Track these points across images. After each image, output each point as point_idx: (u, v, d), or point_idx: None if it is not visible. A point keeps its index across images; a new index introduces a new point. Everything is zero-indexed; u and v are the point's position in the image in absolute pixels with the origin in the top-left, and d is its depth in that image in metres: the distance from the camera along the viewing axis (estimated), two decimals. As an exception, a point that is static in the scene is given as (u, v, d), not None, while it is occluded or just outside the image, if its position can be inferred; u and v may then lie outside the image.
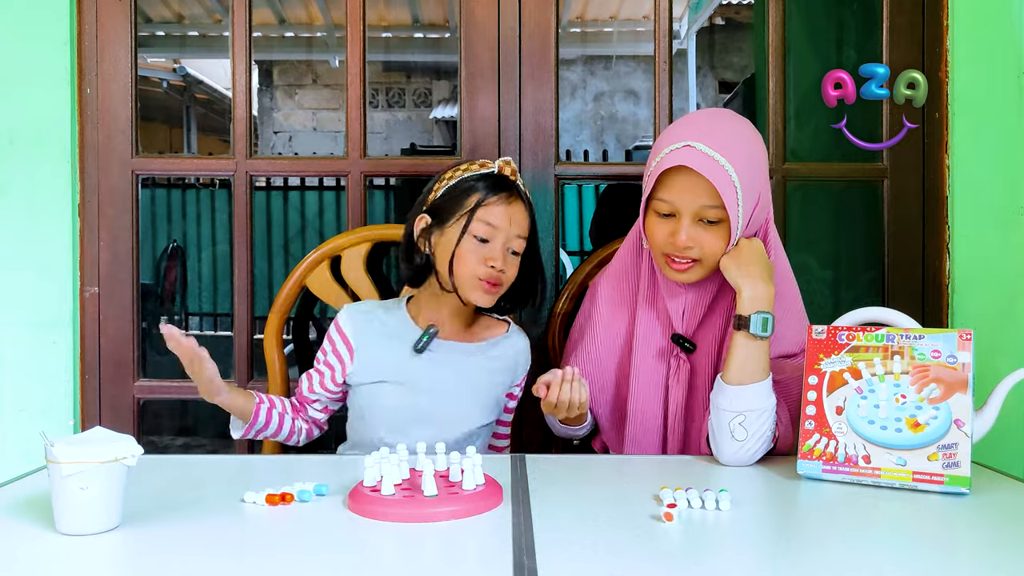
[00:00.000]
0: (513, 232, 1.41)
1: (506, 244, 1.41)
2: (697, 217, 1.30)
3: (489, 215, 1.40)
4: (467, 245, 1.40)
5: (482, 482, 1.08)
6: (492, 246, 1.40)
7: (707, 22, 7.00)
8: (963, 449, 1.12)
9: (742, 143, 1.30)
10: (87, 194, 1.78)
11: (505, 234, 1.41)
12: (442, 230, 1.43)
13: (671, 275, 1.35)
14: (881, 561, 0.90)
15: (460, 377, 1.45)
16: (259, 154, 1.84)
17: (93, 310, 1.79)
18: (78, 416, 1.78)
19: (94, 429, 1.04)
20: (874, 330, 1.21)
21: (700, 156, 1.26)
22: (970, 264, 1.73)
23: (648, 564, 0.89)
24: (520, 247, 1.43)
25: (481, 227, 1.40)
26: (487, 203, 1.40)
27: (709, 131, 1.29)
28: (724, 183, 1.26)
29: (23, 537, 0.97)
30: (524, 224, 1.43)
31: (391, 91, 8.61)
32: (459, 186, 1.43)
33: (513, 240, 1.42)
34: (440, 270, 1.43)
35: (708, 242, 1.31)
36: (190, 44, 6.85)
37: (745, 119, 1.37)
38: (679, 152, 1.28)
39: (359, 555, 0.94)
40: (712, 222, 1.30)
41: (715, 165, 1.26)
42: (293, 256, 5.94)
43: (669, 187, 1.30)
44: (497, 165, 1.45)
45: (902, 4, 1.80)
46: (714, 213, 1.29)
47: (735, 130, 1.32)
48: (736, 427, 1.25)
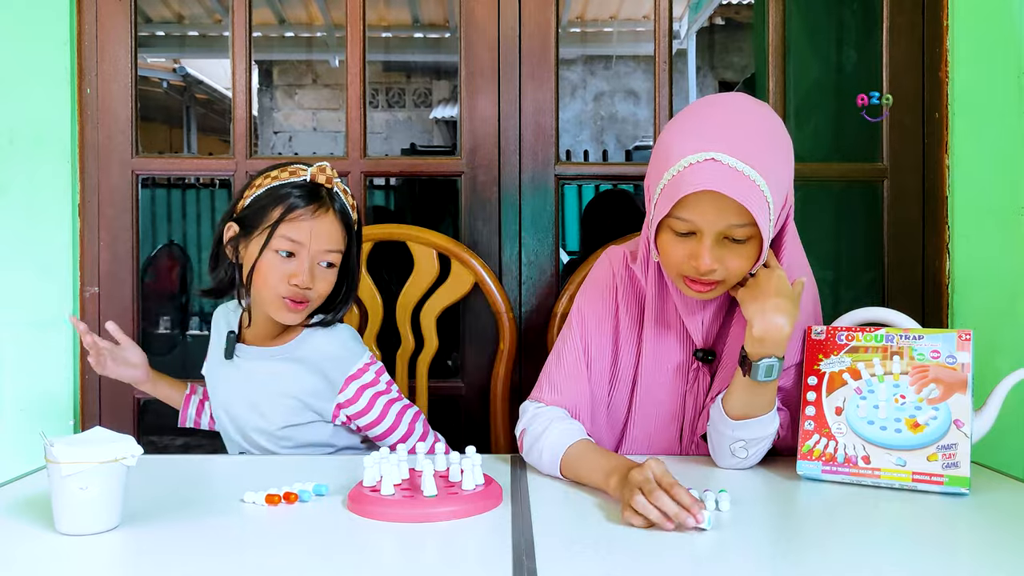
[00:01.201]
0: (320, 247, 1.31)
1: (314, 259, 1.32)
2: (722, 236, 1.15)
3: (293, 230, 1.30)
4: (268, 260, 1.31)
5: (482, 482, 1.08)
6: (297, 262, 1.31)
7: (707, 22, 7.00)
8: (963, 449, 1.12)
9: (767, 140, 1.15)
10: (87, 194, 1.78)
11: (311, 250, 1.31)
12: (248, 241, 1.34)
13: (690, 294, 1.22)
14: (881, 561, 0.90)
15: (249, 382, 1.39)
16: (259, 154, 1.84)
17: (93, 310, 1.79)
18: (78, 416, 1.78)
19: (94, 429, 1.04)
20: (873, 330, 1.21)
21: (728, 173, 1.10)
22: (970, 264, 1.73)
23: (648, 564, 0.89)
24: (334, 260, 1.34)
25: (283, 242, 1.30)
26: (291, 217, 1.30)
27: (731, 134, 1.13)
28: (757, 201, 1.11)
29: (23, 537, 0.97)
30: (335, 237, 1.33)
31: (391, 91, 8.60)
32: (266, 195, 1.33)
33: (322, 255, 1.32)
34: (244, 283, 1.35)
35: (733, 263, 1.17)
36: (190, 44, 6.84)
37: (764, 105, 1.21)
38: (703, 169, 1.11)
39: (359, 555, 0.94)
40: (738, 240, 1.16)
41: (745, 183, 1.10)
42: (293, 256, 5.94)
43: (690, 206, 1.14)
44: (310, 172, 1.33)
45: (902, 4, 1.79)
46: (742, 232, 1.14)
47: (758, 126, 1.16)
48: (737, 448, 1.23)
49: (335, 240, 1.33)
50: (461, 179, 1.80)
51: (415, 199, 5.30)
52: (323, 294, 1.35)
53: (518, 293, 1.78)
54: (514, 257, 1.79)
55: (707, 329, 1.30)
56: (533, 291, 1.79)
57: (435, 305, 1.70)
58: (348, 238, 1.36)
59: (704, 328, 1.30)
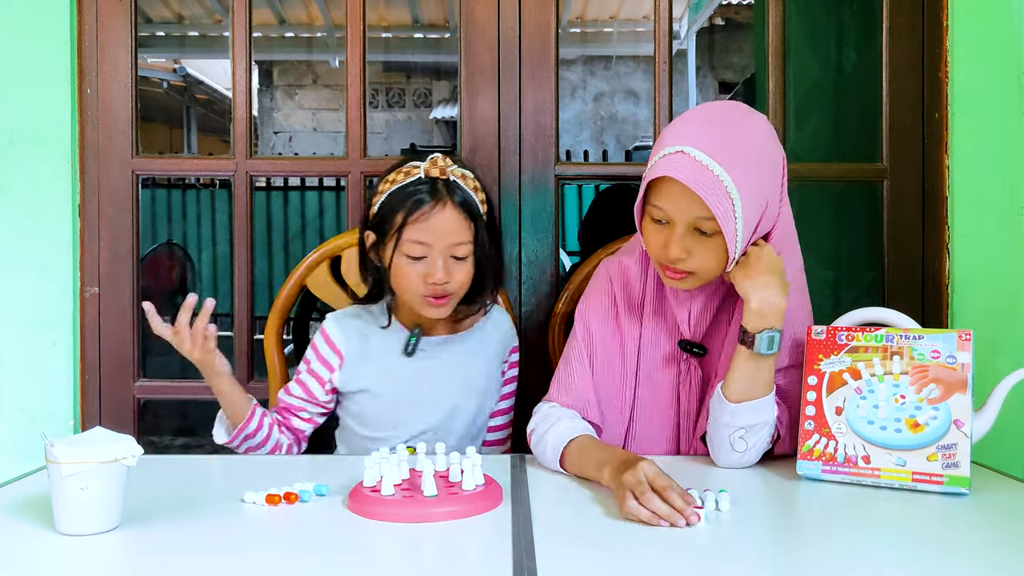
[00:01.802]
0: (448, 242, 1.34)
1: (444, 254, 1.34)
2: (692, 227, 1.21)
3: (417, 232, 1.33)
4: (403, 263, 1.35)
5: (482, 482, 1.08)
6: (429, 261, 1.34)
7: (707, 22, 7.00)
8: (962, 449, 1.12)
9: (746, 146, 1.20)
10: (87, 194, 1.78)
11: (438, 247, 1.33)
12: (384, 247, 1.38)
13: (667, 283, 1.28)
14: (881, 561, 0.90)
15: (449, 370, 1.45)
16: (259, 154, 1.85)
17: (93, 310, 1.79)
18: (78, 416, 1.78)
19: (94, 429, 1.04)
20: (873, 330, 1.21)
21: (691, 165, 1.16)
22: (970, 264, 1.73)
23: (648, 564, 0.89)
24: (464, 252, 1.35)
25: (411, 246, 1.34)
26: (413, 219, 1.33)
27: (708, 134, 1.19)
28: (718, 196, 1.16)
29: (23, 537, 0.97)
30: (459, 229, 1.34)
31: (391, 91, 8.61)
32: (388, 202, 1.36)
33: (451, 249, 1.34)
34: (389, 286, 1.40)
35: (702, 255, 1.22)
36: (190, 44, 6.85)
37: (760, 118, 1.26)
38: (671, 159, 1.18)
39: (359, 555, 0.94)
40: (707, 233, 1.21)
41: (707, 176, 1.16)
42: (293, 256, 5.95)
43: (662, 194, 1.21)
44: (423, 168, 1.36)
45: (902, 4, 1.79)
46: (709, 225, 1.19)
47: (739, 131, 1.21)
48: (736, 440, 1.23)
49: (459, 232, 1.35)
50: (461, 179, 1.80)
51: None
52: (464, 283, 1.38)
53: (518, 293, 1.78)
54: (514, 257, 1.79)
55: (695, 322, 1.33)
56: (533, 291, 1.79)
57: (435, 305, 1.70)
58: (475, 225, 1.36)
59: (692, 320, 1.33)
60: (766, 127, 1.25)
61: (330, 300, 1.67)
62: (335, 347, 1.45)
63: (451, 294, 1.37)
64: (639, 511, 1.00)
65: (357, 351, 1.45)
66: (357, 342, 1.45)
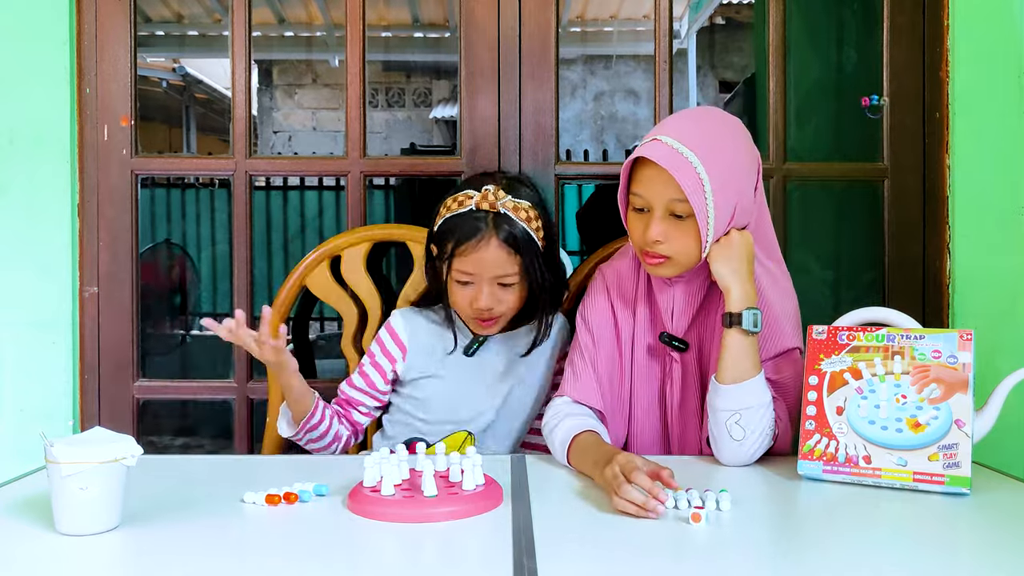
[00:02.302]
0: (492, 274, 1.40)
1: (491, 283, 1.41)
2: (668, 211, 1.28)
3: (463, 264, 1.40)
4: (452, 285, 1.43)
5: (482, 482, 1.08)
6: (475, 288, 1.41)
7: (707, 22, 7.00)
8: (964, 449, 1.12)
9: (718, 141, 1.28)
10: (87, 194, 1.78)
11: (483, 277, 1.40)
12: (440, 265, 1.45)
13: (648, 270, 1.34)
14: (881, 561, 0.90)
15: (509, 364, 1.50)
16: (259, 154, 1.85)
17: (93, 310, 1.79)
18: (78, 416, 1.78)
19: (94, 429, 1.04)
20: (874, 330, 1.21)
21: (665, 150, 1.25)
22: (971, 264, 1.73)
23: (648, 564, 0.89)
24: (511, 281, 1.41)
25: (458, 275, 1.41)
26: (459, 252, 1.40)
27: (683, 127, 1.29)
28: (687, 175, 1.23)
29: (23, 537, 0.97)
30: (501, 262, 1.40)
31: (391, 91, 8.60)
32: (443, 226, 1.44)
33: (497, 279, 1.41)
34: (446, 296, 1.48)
35: (678, 239, 1.28)
36: (190, 44, 6.85)
37: (735, 121, 1.35)
38: (646, 146, 1.27)
39: (359, 555, 0.94)
40: (681, 217, 1.27)
41: (679, 159, 1.24)
42: (293, 256, 5.94)
43: (639, 181, 1.30)
44: (474, 202, 1.41)
45: (902, 4, 1.79)
46: (682, 207, 1.26)
47: (714, 128, 1.30)
48: (733, 426, 1.25)
49: (502, 265, 1.40)
50: (461, 179, 1.80)
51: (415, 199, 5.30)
52: (514, 306, 1.44)
53: (518, 293, 1.78)
54: (514, 257, 1.78)
55: (677, 315, 1.38)
56: (533, 291, 1.79)
57: (435, 305, 1.70)
58: (521, 255, 1.41)
59: (674, 313, 1.38)
60: (740, 127, 1.34)
61: (330, 300, 1.67)
62: (399, 340, 1.51)
63: (499, 316, 1.44)
64: (624, 506, 1.03)
65: (420, 344, 1.51)
66: (422, 336, 1.51)
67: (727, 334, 1.27)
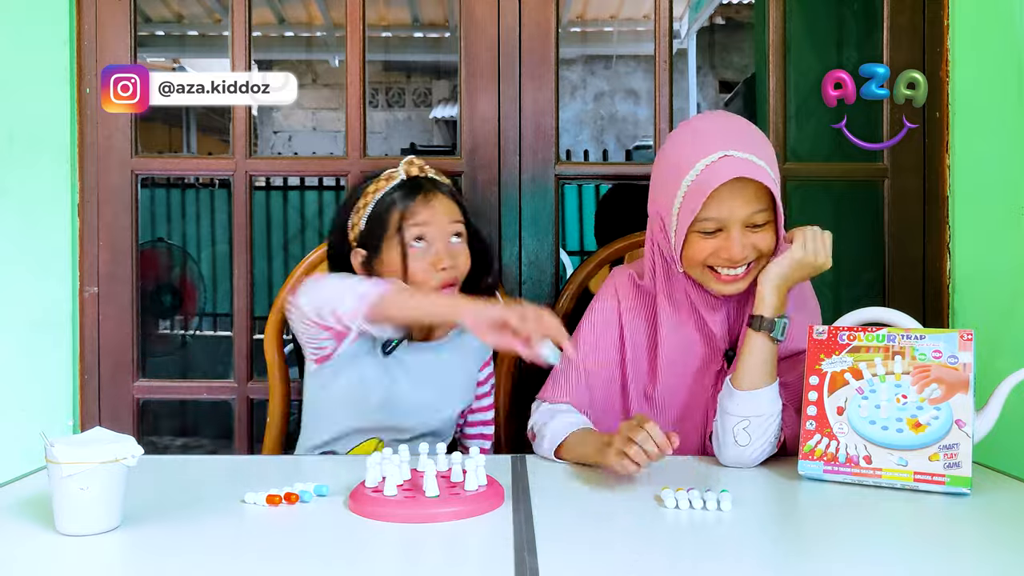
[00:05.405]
0: (445, 221, 1.41)
1: (445, 238, 1.41)
2: (745, 225, 1.26)
3: (417, 218, 1.39)
4: (410, 260, 1.39)
5: (484, 483, 1.08)
6: (433, 246, 1.39)
7: (707, 22, 7.00)
8: (964, 449, 1.12)
9: (763, 142, 1.30)
10: (86, 194, 1.78)
11: (438, 227, 1.40)
12: (380, 257, 1.41)
13: (719, 289, 1.30)
14: (882, 561, 0.90)
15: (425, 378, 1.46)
16: (259, 154, 1.84)
17: (93, 310, 1.79)
18: (78, 416, 1.78)
19: (94, 429, 1.04)
20: (875, 330, 1.21)
21: (744, 163, 1.23)
22: (971, 264, 1.73)
23: (649, 564, 0.89)
24: (461, 230, 1.43)
25: (415, 229, 1.39)
26: (409, 212, 1.39)
27: (734, 137, 1.27)
28: (771, 182, 1.24)
29: (23, 537, 0.97)
30: (453, 210, 1.43)
31: (391, 91, 8.61)
32: (377, 209, 1.42)
33: (450, 226, 1.41)
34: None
35: (762, 242, 1.28)
36: (190, 44, 6.84)
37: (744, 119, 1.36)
38: (722, 164, 1.23)
39: (360, 556, 0.94)
40: (759, 226, 1.27)
41: (760, 169, 1.23)
42: (293, 256, 5.93)
43: (715, 204, 1.24)
44: (402, 169, 1.43)
45: (902, 4, 1.79)
46: (762, 216, 1.26)
47: (751, 131, 1.31)
48: (740, 432, 1.24)
49: (454, 212, 1.43)
50: (461, 179, 1.80)
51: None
52: (464, 268, 1.43)
53: (518, 293, 1.78)
54: (514, 257, 1.79)
55: (732, 329, 1.36)
56: (533, 291, 1.79)
57: (435, 305, 1.70)
58: (461, 207, 1.44)
59: (730, 327, 1.36)
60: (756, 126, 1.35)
61: (330, 300, 1.67)
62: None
63: (457, 279, 1.42)
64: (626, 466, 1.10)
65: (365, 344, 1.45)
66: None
67: (752, 337, 1.26)
